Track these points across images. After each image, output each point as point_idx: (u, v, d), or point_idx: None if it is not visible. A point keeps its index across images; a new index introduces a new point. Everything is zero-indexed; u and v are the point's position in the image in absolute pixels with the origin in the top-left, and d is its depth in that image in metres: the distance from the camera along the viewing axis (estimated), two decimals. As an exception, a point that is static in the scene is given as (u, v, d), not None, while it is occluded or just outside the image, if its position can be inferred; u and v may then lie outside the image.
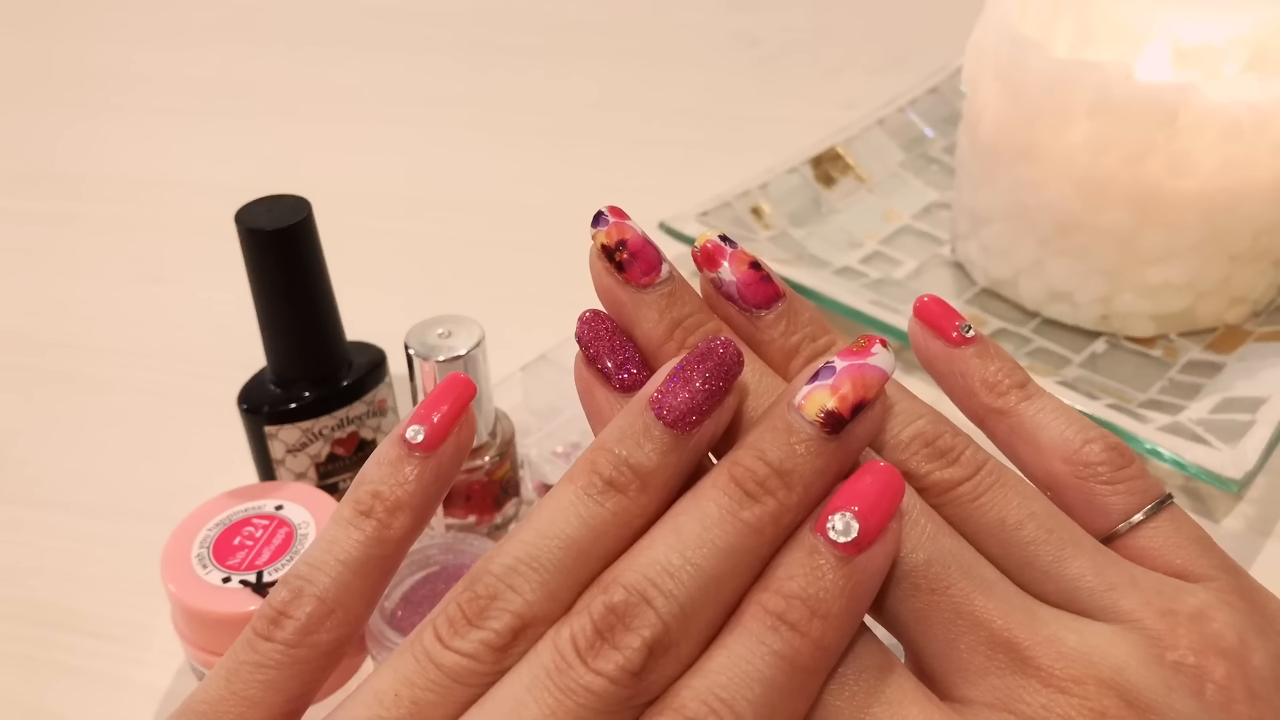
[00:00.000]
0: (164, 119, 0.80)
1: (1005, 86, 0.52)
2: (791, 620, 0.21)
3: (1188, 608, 0.22)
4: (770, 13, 0.90)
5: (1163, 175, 0.48)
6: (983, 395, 0.26)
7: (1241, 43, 0.49)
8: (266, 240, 0.40)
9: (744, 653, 0.20)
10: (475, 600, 0.21)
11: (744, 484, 0.22)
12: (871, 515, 0.21)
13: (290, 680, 0.22)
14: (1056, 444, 0.25)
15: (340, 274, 0.44)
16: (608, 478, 0.22)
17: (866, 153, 0.65)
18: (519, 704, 0.20)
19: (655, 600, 0.20)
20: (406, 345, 0.40)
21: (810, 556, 0.21)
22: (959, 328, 0.26)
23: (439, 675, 0.21)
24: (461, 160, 0.74)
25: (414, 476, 0.23)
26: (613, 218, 0.25)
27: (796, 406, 0.22)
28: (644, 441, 0.22)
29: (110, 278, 0.64)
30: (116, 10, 0.95)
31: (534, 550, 0.22)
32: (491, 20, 0.92)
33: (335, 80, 0.84)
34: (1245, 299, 0.53)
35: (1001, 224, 0.55)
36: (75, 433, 0.53)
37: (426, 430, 0.24)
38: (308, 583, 0.23)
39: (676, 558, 0.21)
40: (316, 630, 0.22)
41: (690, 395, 0.22)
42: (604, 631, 0.20)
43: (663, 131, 0.76)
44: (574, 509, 0.22)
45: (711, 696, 0.20)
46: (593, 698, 0.20)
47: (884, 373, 0.22)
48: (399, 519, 0.23)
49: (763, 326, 0.25)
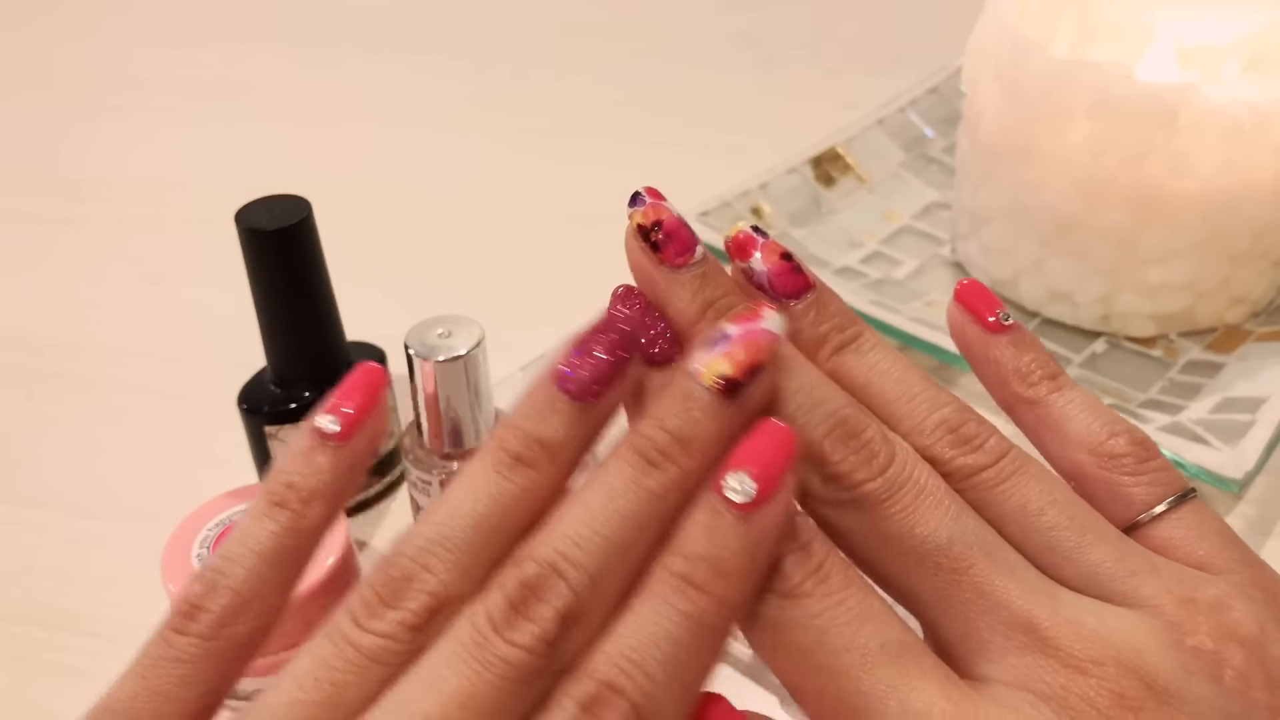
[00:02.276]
0: (164, 119, 0.80)
1: (1005, 87, 0.52)
2: (696, 580, 0.21)
3: (1207, 596, 0.23)
4: (770, 13, 0.90)
5: (1162, 176, 0.48)
6: (1014, 384, 0.27)
7: (1241, 43, 0.49)
8: (266, 240, 0.40)
9: (652, 615, 0.21)
10: (390, 583, 0.22)
11: (646, 453, 0.22)
12: (767, 473, 0.22)
13: (206, 674, 0.22)
14: (1082, 435, 0.25)
15: (340, 274, 0.44)
16: (516, 453, 0.23)
17: (866, 153, 0.65)
18: (438, 678, 0.21)
19: (566, 571, 0.21)
20: (406, 345, 0.40)
21: (710, 517, 0.22)
22: (998, 315, 0.27)
23: (356, 656, 0.21)
24: (461, 160, 0.74)
25: (328, 466, 0.24)
26: (649, 198, 0.25)
27: (694, 374, 0.22)
28: (550, 415, 0.23)
29: (110, 278, 0.64)
30: (116, 10, 0.95)
31: (446, 530, 0.22)
32: (491, 20, 0.92)
33: (335, 80, 0.84)
34: (1245, 299, 0.53)
35: (1001, 224, 0.55)
36: (75, 433, 0.53)
37: (340, 420, 0.24)
38: (222, 575, 0.23)
39: (584, 529, 0.21)
40: (232, 623, 0.23)
41: (593, 367, 0.23)
42: (518, 605, 0.21)
43: (663, 132, 0.76)
44: (484, 487, 0.22)
45: (622, 658, 0.21)
46: (510, 668, 0.20)
47: (775, 336, 0.23)
48: (313, 509, 0.23)
49: (792, 316, 0.26)
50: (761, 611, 0.23)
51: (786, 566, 0.22)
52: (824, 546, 0.23)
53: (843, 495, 0.23)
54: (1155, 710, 0.21)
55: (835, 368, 0.25)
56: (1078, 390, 0.26)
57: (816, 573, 0.22)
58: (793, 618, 0.22)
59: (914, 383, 0.25)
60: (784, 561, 0.22)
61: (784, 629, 0.22)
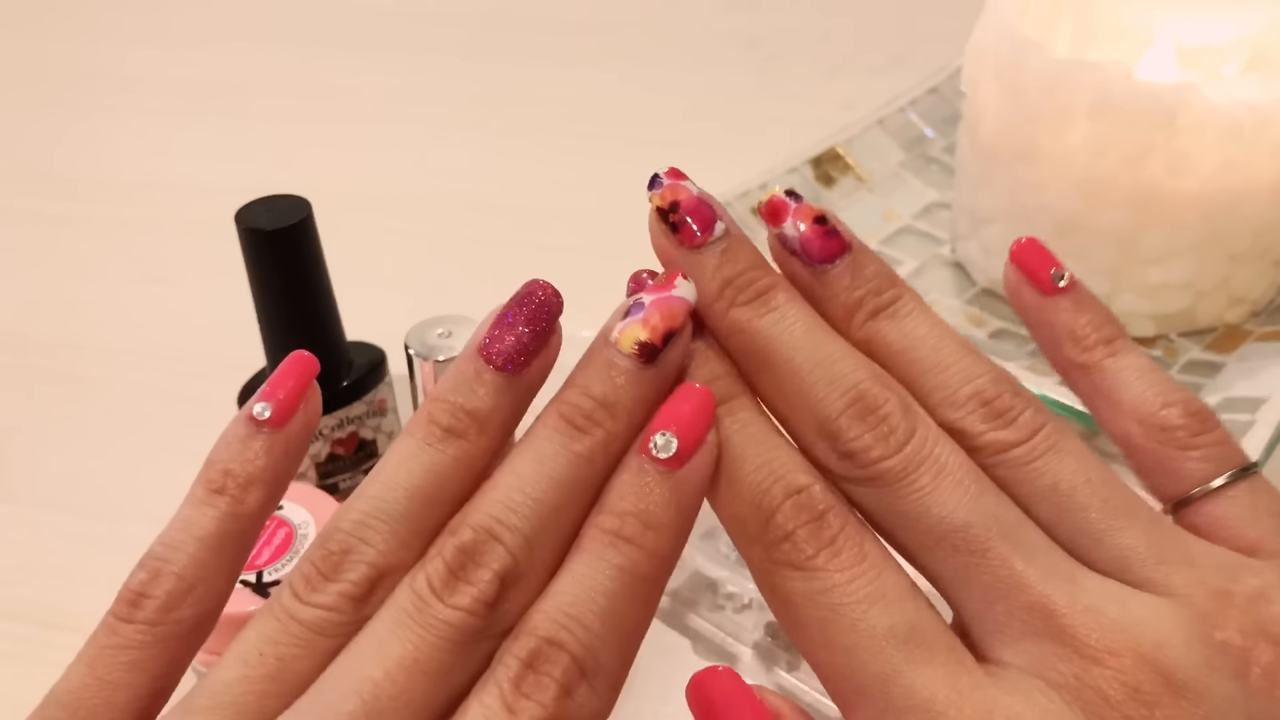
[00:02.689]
0: (164, 119, 0.80)
1: (1005, 87, 0.52)
2: (627, 535, 0.22)
3: (1247, 588, 0.22)
4: (770, 13, 0.90)
5: (1162, 176, 0.48)
6: (1068, 348, 0.26)
7: (1241, 43, 0.49)
8: (266, 240, 0.40)
9: (587, 571, 0.22)
10: (329, 557, 0.22)
11: (573, 420, 0.23)
12: (689, 432, 0.23)
13: (154, 660, 0.23)
14: (1134, 404, 0.25)
15: (340, 274, 0.44)
16: (446, 425, 0.23)
17: (866, 153, 0.65)
18: (383, 644, 0.21)
19: (502, 535, 0.22)
20: (406, 345, 0.40)
21: (638, 476, 0.22)
22: (1053, 275, 0.26)
23: (300, 629, 0.22)
24: (461, 160, 0.74)
25: (264, 452, 0.24)
26: (668, 179, 0.25)
27: (613, 343, 0.23)
28: (477, 387, 0.23)
29: (110, 278, 0.64)
30: (115, 10, 0.95)
31: (381, 503, 0.22)
32: (491, 20, 0.92)
33: (335, 80, 0.84)
34: (1245, 299, 0.53)
35: (1001, 224, 0.55)
36: (75, 433, 0.53)
37: (273, 406, 0.24)
38: (165, 562, 0.23)
39: (517, 495, 0.22)
40: (178, 607, 0.23)
41: (515, 339, 0.24)
42: (456, 570, 0.21)
43: (663, 131, 0.76)
44: (416, 459, 0.23)
45: (560, 614, 0.21)
46: (452, 630, 0.21)
47: (687, 302, 0.24)
48: (252, 494, 0.24)
49: (826, 281, 0.25)
50: (776, 581, 0.23)
51: (800, 537, 0.22)
52: (840, 519, 0.23)
53: (859, 473, 0.23)
54: (1171, 705, 0.20)
55: (870, 334, 0.25)
56: (1135, 354, 0.25)
57: (829, 546, 0.22)
58: (804, 590, 0.22)
59: (949, 351, 0.24)
60: (798, 533, 0.22)
61: (796, 601, 0.22)
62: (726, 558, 0.42)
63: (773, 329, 0.24)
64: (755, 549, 0.23)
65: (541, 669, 0.21)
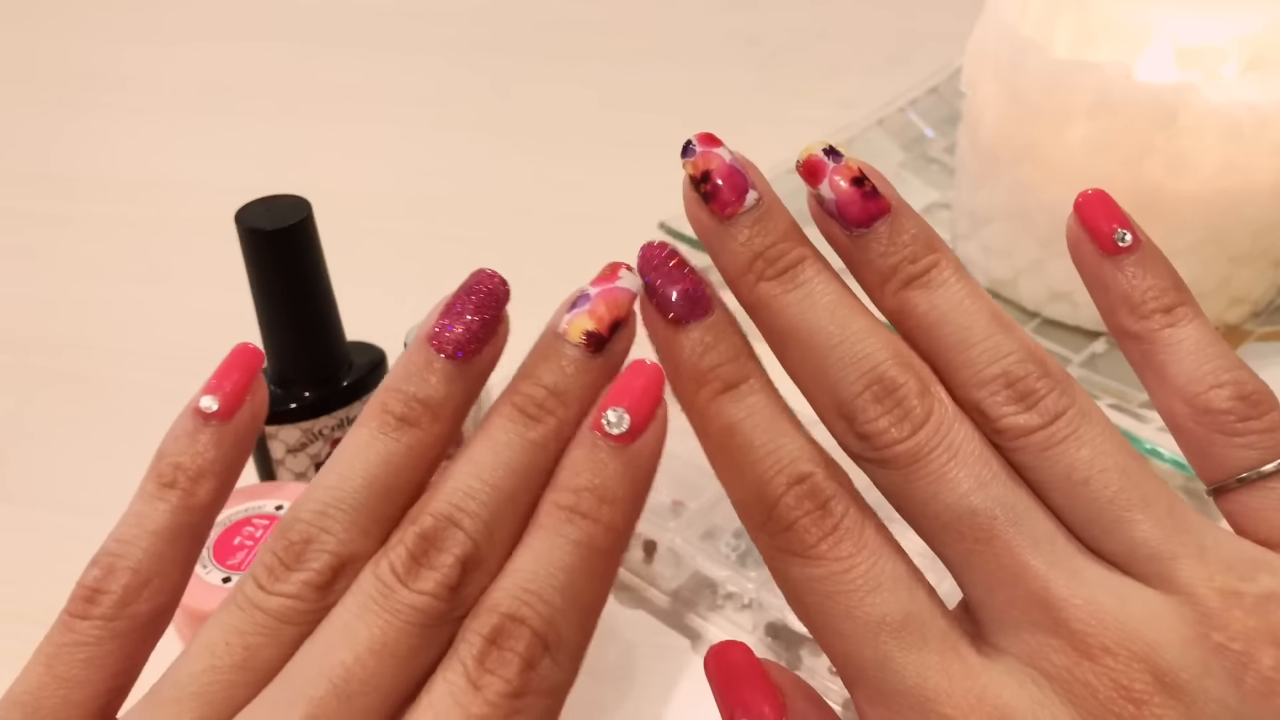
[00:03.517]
0: (164, 118, 0.80)
1: (1005, 87, 0.52)
2: (584, 510, 0.22)
3: (1259, 588, 0.21)
4: (770, 12, 0.90)
5: (1162, 176, 0.48)
6: (1122, 314, 0.25)
7: (1241, 43, 0.49)
8: (266, 240, 0.40)
9: (545, 548, 0.22)
10: (290, 547, 0.22)
11: (525, 409, 0.24)
12: (640, 407, 0.23)
13: (112, 656, 0.23)
14: (1182, 381, 0.24)
15: (340, 274, 0.44)
16: (400, 414, 0.23)
17: (866, 153, 0.65)
18: (349, 630, 0.21)
19: (461, 521, 0.22)
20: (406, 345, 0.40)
21: (592, 452, 0.23)
22: (1117, 234, 0.25)
23: (265, 619, 0.22)
24: (462, 160, 0.74)
25: (212, 444, 0.24)
26: (700, 146, 0.25)
27: (561, 334, 0.24)
28: (428, 375, 0.24)
29: (110, 278, 0.64)
30: (115, 9, 0.95)
31: (339, 492, 0.23)
32: (491, 20, 0.91)
33: (336, 80, 0.84)
34: (1245, 299, 0.53)
35: (1001, 224, 0.55)
36: (75, 432, 0.53)
37: (220, 399, 0.25)
38: (119, 557, 0.23)
39: (474, 482, 0.23)
40: (134, 601, 0.23)
41: (464, 327, 0.24)
42: (419, 556, 0.22)
43: (663, 131, 0.75)
44: (372, 448, 0.23)
45: (520, 590, 0.22)
46: (417, 614, 0.21)
47: (631, 293, 0.24)
48: (203, 486, 0.24)
49: (862, 245, 0.24)
50: (779, 567, 0.23)
51: (802, 526, 0.22)
52: (842, 506, 0.23)
53: (874, 454, 0.23)
54: (1161, 706, 0.20)
55: (900, 305, 0.24)
56: (1195, 325, 0.24)
57: (830, 535, 0.22)
58: (806, 577, 0.22)
59: (978, 327, 0.23)
60: (800, 521, 0.22)
61: (798, 586, 0.23)
62: (726, 558, 0.42)
63: (798, 305, 0.24)
64: (760, 535, 0.23)
65: (504, 644, 0.21)
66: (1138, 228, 0.25)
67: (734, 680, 0.24)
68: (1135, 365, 0.25)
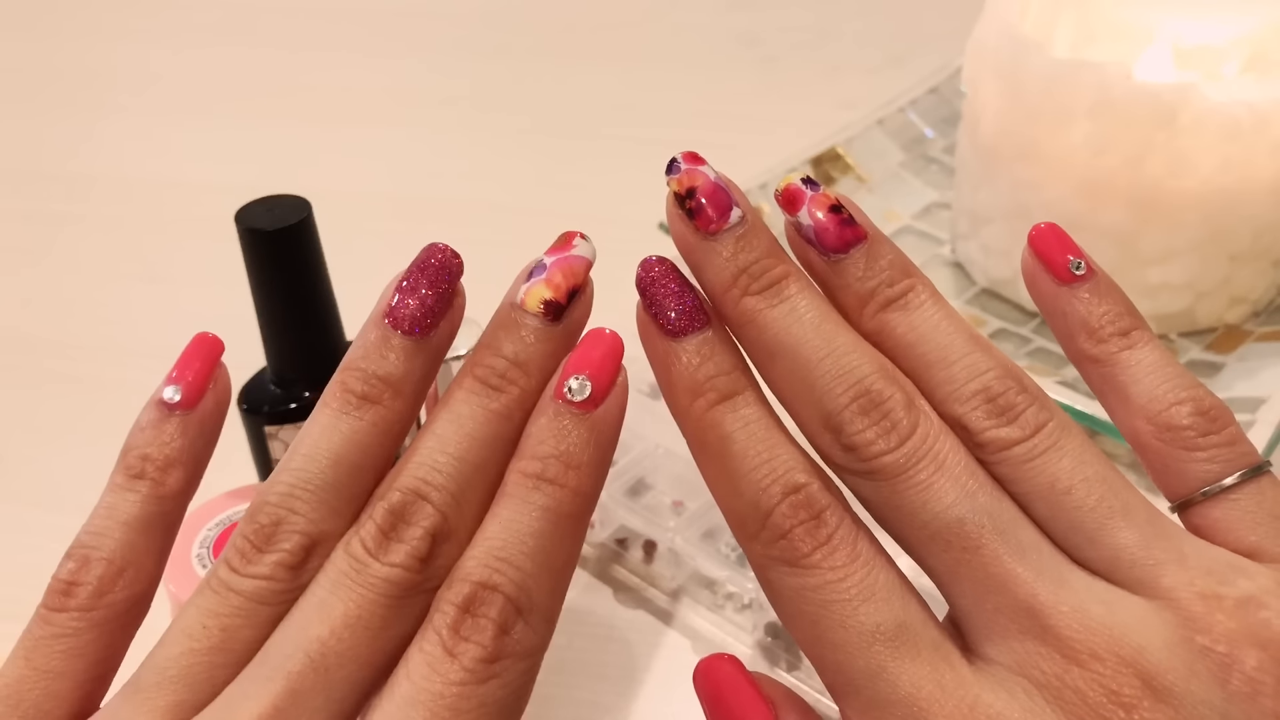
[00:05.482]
0: (163, 119, 0.80)
1: (1005, 86, 0.52)
2: (550, 476, 0.23)
3: (1237, 591, 0.22)
4: (770, 13, 0.90)
5: (1162, 175, 0.48)
6: (1081, 339, 0.25)
7: (1241, 43, 0.49)
8: (266, 240, 0.40)
9: (513, 515, 0.22)
10: (260, 530, 0.23)
11: (487, 380, 0.24)
12: (601, 374, 0.23)
13: (92, 645, 0.23)
14: (1144, 401, 0.24)
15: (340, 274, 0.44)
16: (361, 392, 0.24)
17: (866, 153, 0.65)
18: (324, 605, 0.22)
19: (428, 494, 0.23)
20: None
21: (555, 420, 0.23)
22: (1071, 263, 0.25)
23: (240, 600, 0.22)
24: (462, 160, 0.74)
25: (179, 434, 0.25)
26: (685, 164, 0.25)
27: (519, 304, 0.25)
28: (386, 352, 0.24)
29: (110, 277, 0.64)
30: (115, 10, 0.95)
31: (306, 474, 0.23)
32: (491, 20, 0.92)
33: (335, 80, 0.84)
34: (1245, 299, 0.53)
35: (1001, 224, 0.55)
36: (75, 433, 0.53)
37: (182, 389, 0.25)
38: (93, 549, 0.24)
39: (440, 456, 0.23)
40: (110, 590, 0.23)
41: (419, 303, 0.25)
42: (388, 531, 0.22)
43: (663, 131, 0.76)
44: (335, 428, 0.24)
45: (491, 558, 0.22)
46: (390, 586, 0.22)
47: (587, 261, 0.25)
48: (172, 475, 0.24)
49: (840, 270, 0.25)
50: (772, 577, 0.23)
51: (796, 536, 0.22)
52: (836, 517, 0.23)
53: (860, 466, 0.23)
54: (1150, 710, 0.21)
55: (879, 326, 0.25)
56: (1150, 349, 0.25)
57: (824, 545, 0.22)
58: (798, 586, 0.22)
59: (957, 345, 0.24)
60: (795, 531, 0.23)
61: (791, 596, 0.23)
62: (726, 558, 0.42)
63: (783, 320, 0.24)
64: (754, 545, 0.23)
65: (478, 611, 0.21)
66: (1089, 258, 0.26)
67: (723, 694, 0.24)
68: (1096, 388, 0.26)
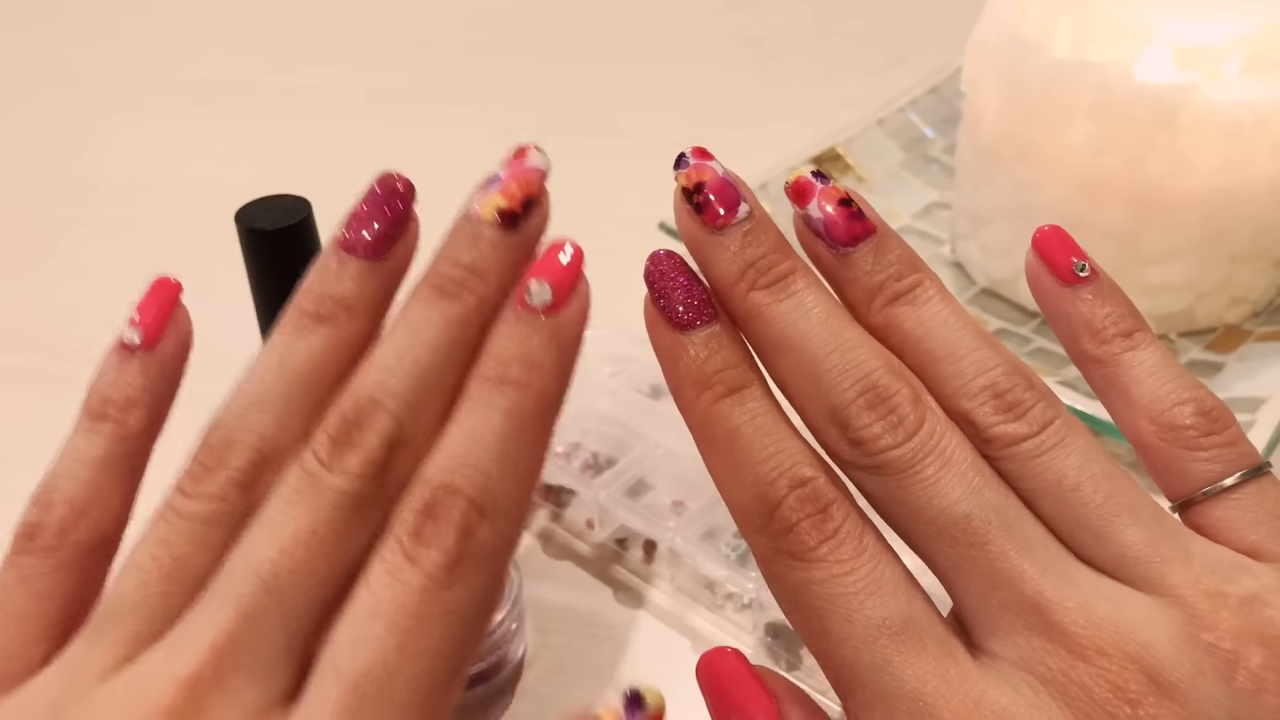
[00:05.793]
0: (163, 119, 0.80)
1: (1005, 86, 0.52)
2: (512, 378, 0.22)
3: (1242, 589, 0.22)
4: (771, 12, 0.90)
5: (1162, 175, 0.48)
6: (1084, 340, 0.25)
7: (1241, 43, 0.49)
8: (266, 240, 0.40)
9: (475, 420, 0.22)
10: (212, 450, 0.22)
11: (444, 288, 0.23)
12: (562, 280, 0.23)
13: (60, 586, 0.23)
14: (1146, 402, 0.24)
15: (340, 274, 0.44)
16: (314, 313, 0.24)
17: (866, 153, 0.65)
18: (275, 524, 0.21)
19: (383, 400, 0.22)
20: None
21: (516, 325, 0.23)
22: (1074, 265, 0.25)
23: (189, 526, 0.22)
24: (462, 160, 0.74)
25: (139, 374, 0.25)
26: (693, 159, 0.25)
27: (475, 214, 0.24)
28: (340, 275, 0.24)
29: (110, 278, 0.64)
30: (114, 11, 0.95)
31: (257, 394, 0.23)
32: (491, 20, 0.92)
33: (335, 80, 0.84)
34: (1245, 299, 0.53)
35: (1001, 224, 0.55)
36: (75, 433, 0.53)
37: (141, 331, 0.25)
38: (54, 491, 0.24)
39: (394, 361, 0.22)
40: (73, 530, 0.23)
41: (372, 227, 0.25)
42: (341, 439, 0.22)
43: (663, 130, 0.76)
44: (289, 347, 0.23)
45: (454, 462, 0.21)
46: (344, 497, 0.21)
47: (541, 171, 0.25)
48: (134, 414, 0.24)
49: (848, 264, 0.25)
50: (777, 570, 0.23)
51: (803, 529, 0.22)
52: (843, 511, 0.23)
53: (866, 460, 0.23)
54: (1155, 706, 0.21)
55: (887, 320, 0.25)
56: (1153, 349, 0.25)
57: (831, 539, 0.22)
58: (804, 580, 0.22)
59: (964, 341, 0.24)
60: (801, 525, 0.22)
61: (796, 590, 0.23)
62: (726, 558, 0.42)
63: (790, 314, 0.24)
64: (760, 538, 0.23)
65: (439, 515, 0.21)
66: (1092, 260, 0.26)
67: (726, 687, 0.23)
68: (1098, 389, 0.26)
